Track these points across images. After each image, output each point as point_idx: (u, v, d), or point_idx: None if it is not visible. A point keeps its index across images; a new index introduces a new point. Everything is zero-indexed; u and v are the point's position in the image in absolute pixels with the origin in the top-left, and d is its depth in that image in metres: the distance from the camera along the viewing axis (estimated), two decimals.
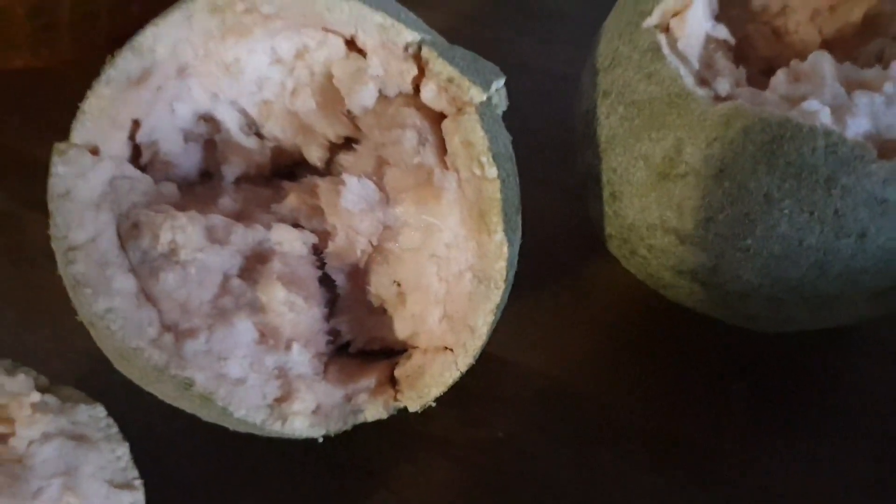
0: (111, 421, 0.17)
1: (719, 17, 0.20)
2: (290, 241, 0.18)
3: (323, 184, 0.18)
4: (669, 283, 0.20)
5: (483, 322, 0.17)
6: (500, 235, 0.16)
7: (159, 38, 0.16)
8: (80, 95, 0.20)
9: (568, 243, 0.24)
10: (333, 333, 0.18)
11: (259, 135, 0.19)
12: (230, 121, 0.18)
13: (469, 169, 0.16)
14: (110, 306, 0.15)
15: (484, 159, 0.16)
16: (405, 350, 0.18)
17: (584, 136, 0.20)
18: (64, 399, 0.17)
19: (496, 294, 0.17)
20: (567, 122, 0.23)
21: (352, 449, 0.20)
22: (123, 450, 0.17)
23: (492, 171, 0.16)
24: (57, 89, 0.28)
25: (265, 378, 0.17)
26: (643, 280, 0.21)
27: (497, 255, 0.16)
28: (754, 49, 0.22)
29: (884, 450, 0.21)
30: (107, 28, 0.26)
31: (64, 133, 0.20)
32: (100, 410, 0.17)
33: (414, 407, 0.18)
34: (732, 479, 0.20)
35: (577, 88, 0.21)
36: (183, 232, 0.16)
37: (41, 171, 0.26)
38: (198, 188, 0.18)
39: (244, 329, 0.17)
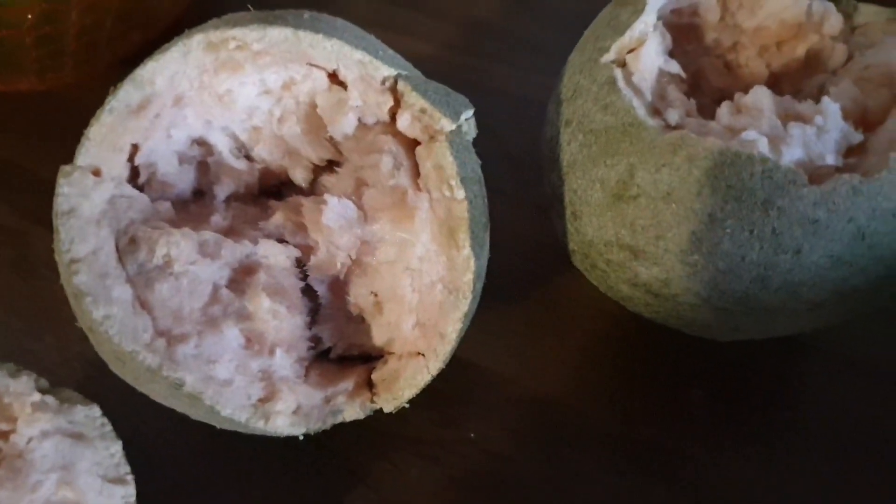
0: (106, 420, 0.19)
1: (675, 51, 0.22)
2: (275, 255, 0.19)
3: (307, 203, 0.20)
4: (627, 295, 0.21)
5: (452, 329, 0.18)
6: (467, 251, 0.18)
7: (158, 72, 0.18)
8: (82, 117, 0.22)
9: (538, 258, 0.26)
10: (315, 340, 0.20)
11: (248, 157, 0.21)
12: (222, 145, 0.20)
13: (440, 190, 0.18)
14: (108, 313, 0.17)
15: (453, 182, 0.18)
16: (382, 356, 0.20)
17: (548, 160, 0.22)
18: (63, 400, 0.18)
19: (464, 303, 0.18)
20: (539, 144, 0.24)
21: (332, 448, 0.21)
22: (117, 447, 0.18)
23: (460, 193, 0.18)
24: (60, 111, 0.29)
25: (250, 380, 0.18)
26: (605, 292, 0.23)
27: (465, 268, 0.18)
28: (708, 81, 0.23)
29: (829, 450, 0.22)
30: (108, 54, 0.28)
31: (66, 151, 0.22)
32: (95, 411, 0.19)
33: (389, 408, 0.19)
34: (690, 478, 0.22)
35: (545, 116, 0.23)
36: (177, 246, 0.18)
37: (45, 188, 0.28)
38: (191, 206, 0.20)
39: (231, 335, 0.18)
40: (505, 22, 0.34)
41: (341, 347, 0.20)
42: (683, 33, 0.23)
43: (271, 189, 0.21)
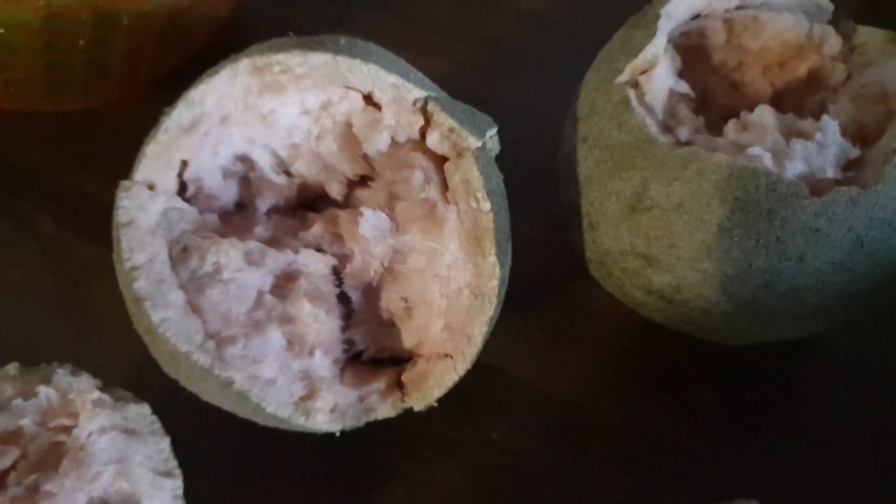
0: (155, 418, 0.20)
1: (683, 70, 0.24)
2: (314, 263, 0.21)
3: (343, 215, 0.21)
4: (641, 301, 0.23)
5: (479, 332, 0.20)
6: (492, 258, 0.19)
7: (208, 93, 0.19)
8: (123, 134, 0.23)
9: (555, 267, 0.27)
10: (349, 343, 0.21)
11: (288, 173, 0.22)
12: (264, 161, 0.21)
13: (467, 203, 0.20)
14: (165, 316, 0.18)
15: (479, 195, 0.19)
16: (411, 358, 0.21)
17: (566, 174, 0.23)
18: (116, 398, 0.20)
19: (490, 308, 0.20)
20: (554, 158, 0.26)
21: (364, 447, 0.23)
22: (165, 443, 0.20)
23: (486, 205, 0.19)
24: (102, 128, 0.31)
25: (292, 379, 0.19)
26: (620, 299, 0.24)
27: (490, 274, 0.19)
28: (715, 98, 0.25)
29: (835, 451, 0.23)
30: (147, 76, 0.30)
31: (108, 166, 0.23)
32: (146, 408, 0.20)
33: (419, 407, 0.20)
34: (700, 478, 0.23)
35: (562, 133, 0.25)
36: (225, 255, 0.19)
37: (87, 201, 0.29)
38: (234, 218, 0.21)
39: (275, 337, 0.19)
40: (518, 41, 0.36)
41: (373, 350, 0.21)
42: (692, 54, 0.24)
43: (308, 202, 0.23)
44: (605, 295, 0.25)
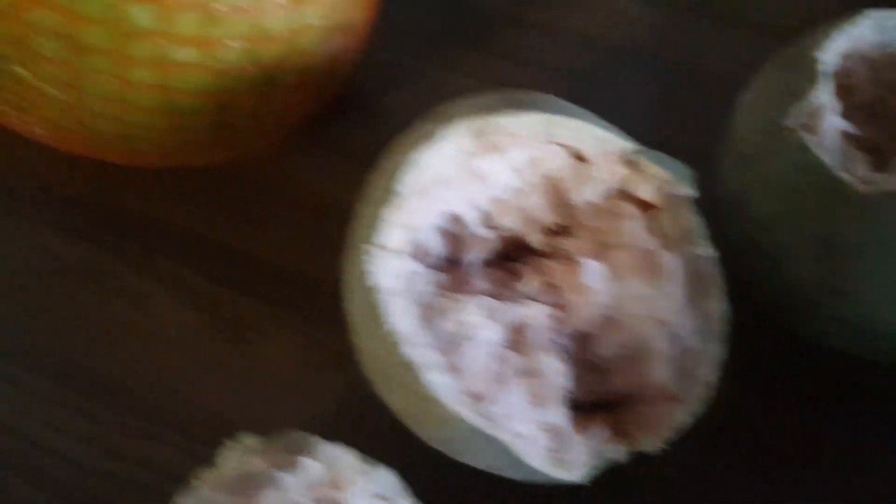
0: (402, 483, 0.20)
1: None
2: (538, 315, 0.21)
3: (555, 265, 0.22)
4: (827, 331, 0.24)
5: (711, 374, 0.20)
6: (720, 302, 0.20)
7: (435, 157, 0.20)
8: (261, 187, 0.24)
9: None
10: (570, 391, 0.22)
11: (493, 227, 0.23)
12: (473, 217, 0.22)
13: (687, 249, 0.20)
14: (434, 379, 0.18)
15: (700, 241, 0.20)
16: (628, 402, 0.22)
17: (735, 213, 0.24)
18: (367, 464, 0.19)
19: (719, 350, 0.20)
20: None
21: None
22: None
23: (709, 251, 0.20)
24: (239, 182, 0.30)
25: (540, 432, 0.20)
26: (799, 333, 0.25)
27: (718, 317, 0.20)
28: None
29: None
30: (282, 128, 0.30)
31: (249, 221, 0.24)
32: (392, 474, 0.20)
33: (649, 449, 0.21)
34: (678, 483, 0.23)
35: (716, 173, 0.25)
36: (466, 312, 0.20)
37: (233, 255, 0.29)
38: (452, 274, 0.22)
39: (519, 391, 0.20)
40: (605, 73, 0.37)
41: (593, 396, 0.22)
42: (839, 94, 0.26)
43: (510, 254, 0.23)
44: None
